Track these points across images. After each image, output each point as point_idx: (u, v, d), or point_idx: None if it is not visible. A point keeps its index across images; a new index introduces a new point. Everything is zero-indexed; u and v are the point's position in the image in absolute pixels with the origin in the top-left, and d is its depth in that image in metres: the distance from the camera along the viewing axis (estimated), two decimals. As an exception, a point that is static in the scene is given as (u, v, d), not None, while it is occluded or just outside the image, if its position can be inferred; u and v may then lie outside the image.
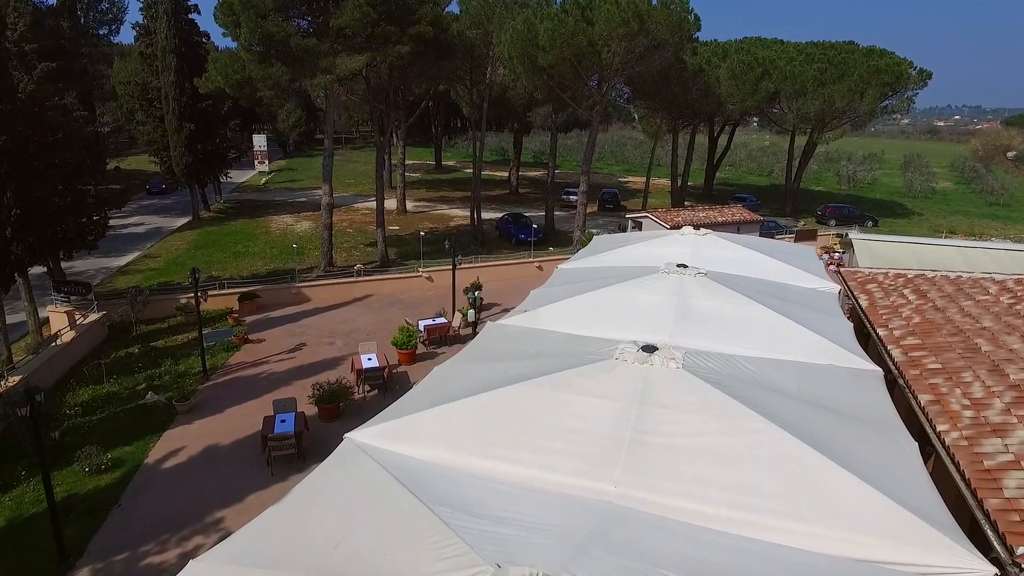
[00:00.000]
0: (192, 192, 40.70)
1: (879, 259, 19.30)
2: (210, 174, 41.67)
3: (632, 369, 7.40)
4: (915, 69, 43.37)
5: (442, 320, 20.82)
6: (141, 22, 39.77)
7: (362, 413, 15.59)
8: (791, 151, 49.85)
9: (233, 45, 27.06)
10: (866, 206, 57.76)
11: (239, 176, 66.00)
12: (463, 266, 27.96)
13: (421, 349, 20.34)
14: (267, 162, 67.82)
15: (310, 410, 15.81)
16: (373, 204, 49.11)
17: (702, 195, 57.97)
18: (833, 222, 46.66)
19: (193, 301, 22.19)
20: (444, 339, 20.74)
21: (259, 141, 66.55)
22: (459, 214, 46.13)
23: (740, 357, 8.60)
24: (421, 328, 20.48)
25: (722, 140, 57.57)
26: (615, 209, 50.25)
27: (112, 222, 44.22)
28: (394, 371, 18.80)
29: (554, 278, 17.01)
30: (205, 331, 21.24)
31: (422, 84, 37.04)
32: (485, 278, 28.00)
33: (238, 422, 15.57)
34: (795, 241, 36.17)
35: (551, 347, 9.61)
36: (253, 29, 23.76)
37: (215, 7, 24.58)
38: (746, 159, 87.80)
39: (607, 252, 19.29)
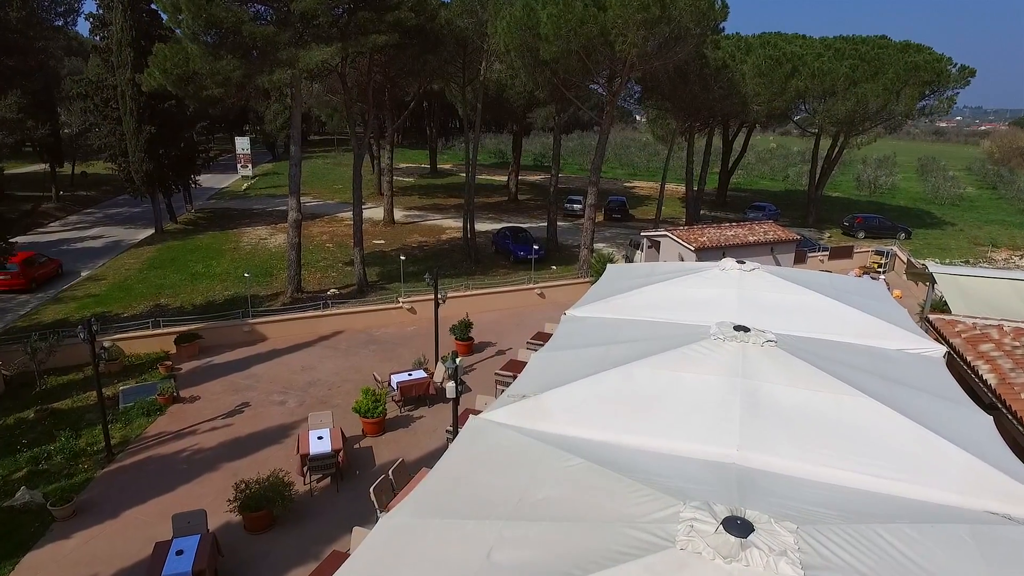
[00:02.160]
0: (154, 203, 36.56)
1: (976, 301, 15.19)
2: (175, 182, 37.56)
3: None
4: (955, 66, 39.28)
5: (420, 374, 16.68)
6: (96, 12, 35.74)
7: (306, 517, 11.51)
8: (815, 156, 45.71)
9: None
10: (892, 215, 53.60)
11: (220, 181, 62.06)
12: (452, 294, 23.85)
13: (393, 411, 16.23)
14: (251, 166, 63.88)
15: (231, 518, 11.69)
16: (365, 214, 45.03)
17: (715, 202, 53.89)
18: (862, 234, 42.58)
19: (115, 346, 18.14)
20: (424, 398, 16.61)
21: (242, 144, 62.48)
22: (452, 225, 42.01)
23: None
24: (394, 385, 16.35)
25: (735, 143, 53.51)
26: (623, 219, 46.17)
27: (66, 235, 40.63)
28: (357, 445, 14.68)
29: (561, 335, 13.25)
30: (125, 386, 17.15)
31: (411, 82, 32.93)
32: (478, 308, 23.91)
33: (133, 537, 11.46)
34: (829, 259, 32.06)
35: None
36: (196, 13, 19.66)
37: (153, -12, 20.47)
38: (756, 162, 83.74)
39: (628, 294, 15.55)
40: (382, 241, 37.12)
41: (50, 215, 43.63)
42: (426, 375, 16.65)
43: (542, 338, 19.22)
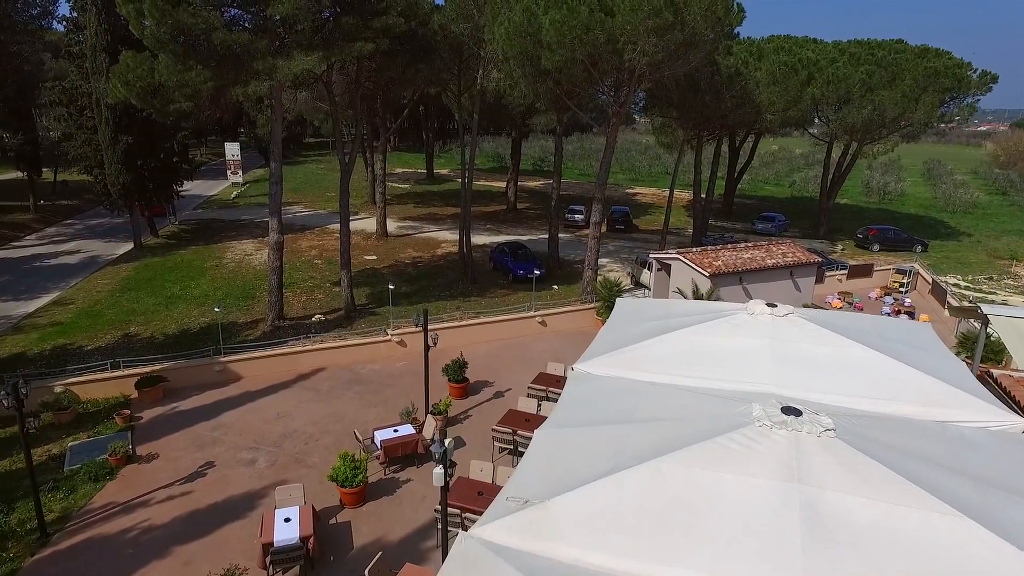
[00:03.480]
0: (133, 217, 34.56)
1: (1042, 352, 13.27)
2: (157, 195, 35.58)
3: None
4: (976, 71, 37.44)
5: (408, 431, 14.73)
6: (69, 15, 33.78)
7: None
8: (827, 165, 43.84)
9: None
10: (904, 223, 51.76)
11: (209, 187, 60.15)
12: (446, 325, 21.92)
13: (376, 472, 14.30)
14: (241, 172, 61.84)
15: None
16: (357, 224, 43.14)
17: (721, 211, 51.99)
18: (877, 247, 40.70)
19: (68, 392, 16.22)
20: (412, 456, 14.67)
21: (232, 150, 60.35)
22: (448, 238, 40.05)
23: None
24: (377, 443, 14.41)
25: (741, 149, 51.61)
26: (627, 230, 44.28)
27: (41, 250, 38.62)
28: (333, 520, 12.75)
29: (569, 400, 11.39)
30: (74, 442, 15.22)
31: (404, 88, 30.99)
32: (474, 339, 22.00)
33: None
34: (848, 278, 30.18)
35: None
36: (161, 19, 17.72)
37: (115, -10, 18.54)
38: (759, 166, 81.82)
39: (645, 344, 13.67)
40: (374, 257, 35.17)
41: (27, 227, 41.66)
42: (414, 431, 14.71)
43: (545, 382, 17.31)
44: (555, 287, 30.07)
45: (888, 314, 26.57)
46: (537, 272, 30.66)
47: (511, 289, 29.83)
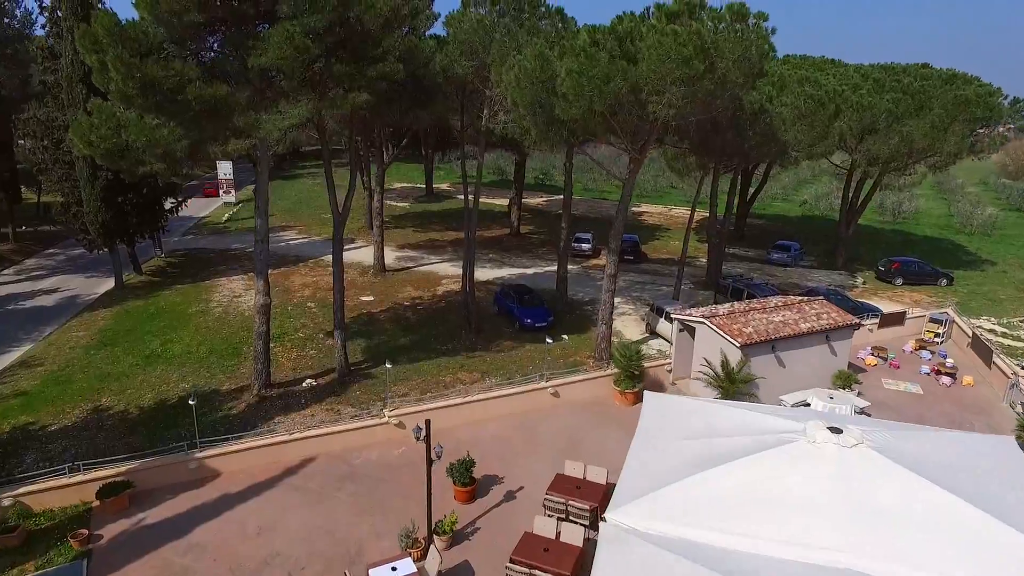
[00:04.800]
0: (114, 256, 32.38)
1: None
2: (140, 232, 33.44)
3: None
4: (1007, 99, 35.50)
5: (408, 568, 12.63)
6: (46, 43, 31.65)
7: None
8: (846, 191, 41.76)
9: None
10: (922, 249, 49.75)
11: (201, 208, 57.89)
12: (449, 402, 19.82)
13: (372, 619, 12.21)
14: (234, 192, 59.78)
15: None
16: (354, 255, 40.92)
17: (733, 235, 49.89)
18: (900, 280, 38.68)
19: (17, 505, 14.14)
20: (412, 596, 12.57)
21: (224, 168, 58.26)
22: (450, 273, 37.94)
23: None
24: (372, 585, 12.32)
25: (754, 172, 49.63)
26: (636, 260, 42.21)
27: (17, 289, 36.40)
28: None
29: (605, 568, 9.52)
30: (20, 580, 13.10)
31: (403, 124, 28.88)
32: (480, 416, 19.93)
33: None
34: (879, 327, 28.12)
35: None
36: (128, 73, 15.61)
37: (76, 37, 16.45)
38: (768, 184, 79.62)
39: (686, 482, 11.75)
40: (371, 298, 33.05)
41: (5, 259, 39.51)
42: (415, 569, 12.62)
43: (563, 490, 15.23)
44: (564, 337, 27.94)
45: (927, 373, 24.56)
46: (545, 323, 28.71)
47: (517, 339, 27.76)
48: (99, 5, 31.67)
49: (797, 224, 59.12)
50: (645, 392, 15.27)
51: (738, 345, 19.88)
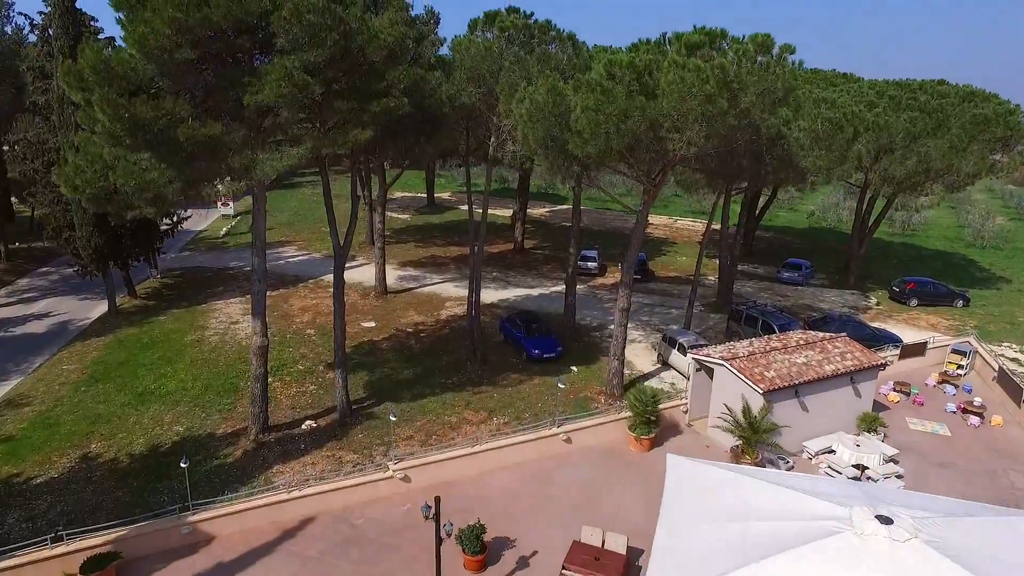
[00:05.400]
0: (108, 282, 31.33)
1: None
2: (135, 255, 32.45)
3: None
4: (1026, 116, 34.47)
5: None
6: (35, 64, 30.65)
7: None
8: (859, 210, 40.80)
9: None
10: (934, 265, 48.83)
11: (199, 220, 56.74)
12: (457, 452, 18.81)
13: None
14: (232, 203, 58.67)
15: None
16: (355, 274, 39.77)
17: (742, 251, 48.86)
18: (915, 301, 37.69)
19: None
20: None
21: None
22: (453, 294, 36.88)
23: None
24: None
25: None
26: (644, 279, 41.13)
27: (8, 313, 35.17)
28: None
29: None
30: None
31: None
32: (489, 466, 18.93)
33: None
34: (900, 359, 27.13)
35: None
36: (116, 114, 14.62)
37: (61, 71, 15.44)
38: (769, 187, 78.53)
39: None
40: (372, 324, 32.03)
41: (-4, 279, 38.51)
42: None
43: (579, 561, 14.24)
44: (574, 369, 26.93)
45: (953, 412, 23.58)
46: (553, 354, 27.72)
47: (525, 372, 26.76)
48: (91, 23, 30.76)
49: (805, 237, 58.18)
50: (668, 456, 14.29)
51: (761, 392, 18.89)
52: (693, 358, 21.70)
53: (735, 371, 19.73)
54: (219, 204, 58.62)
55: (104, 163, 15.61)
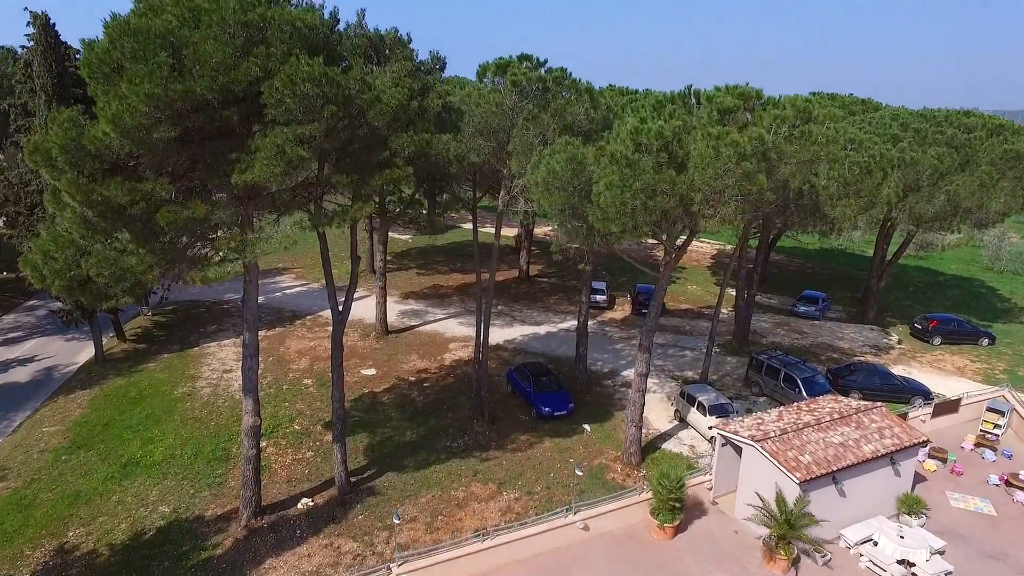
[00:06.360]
0: (94, 329, 29.70)
1: None
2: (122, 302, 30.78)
3: None
4: (1058, 151, 32.86)
5: None
6: (17, 101, 29.06)
7: None
8: (878, 243, 39.28)
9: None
10: (952, 293, 47.38)
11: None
12: (463, 550, 17.22)
13: None
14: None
15: None
16: (356, 308, 37.71)
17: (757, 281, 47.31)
18: (938, 340, 36.18)
19: None
20: None
21: (218, 201, 55.70)
22: (457, 334, 35.31)
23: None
24: None
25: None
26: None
27: (-10, 358, 33.72)
28: None
29: None
30: None
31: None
32: (499, 562, 17.35)
33: None
34: (932, 417, 25.59)
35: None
36: (86, 199, 13.09)
37: (26, 148, 13.84)
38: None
39: None
40: (373, 371, 30.46)
41: (-19, 317, 36.98)
42: None
43: None
44: (586, 428, 25.37)
45: (997, 485, 22.01)
46: (564, 411, 26.19)
47: (535, 431, 25.22)
48: (76, 57, 29.20)
49: (817, 259, 56.61)
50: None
51: (797, 482, 17.33)
52: (719, 433, 20.13)
53: (766, 455, 18.17)
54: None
55: (76, 248, 14.05)
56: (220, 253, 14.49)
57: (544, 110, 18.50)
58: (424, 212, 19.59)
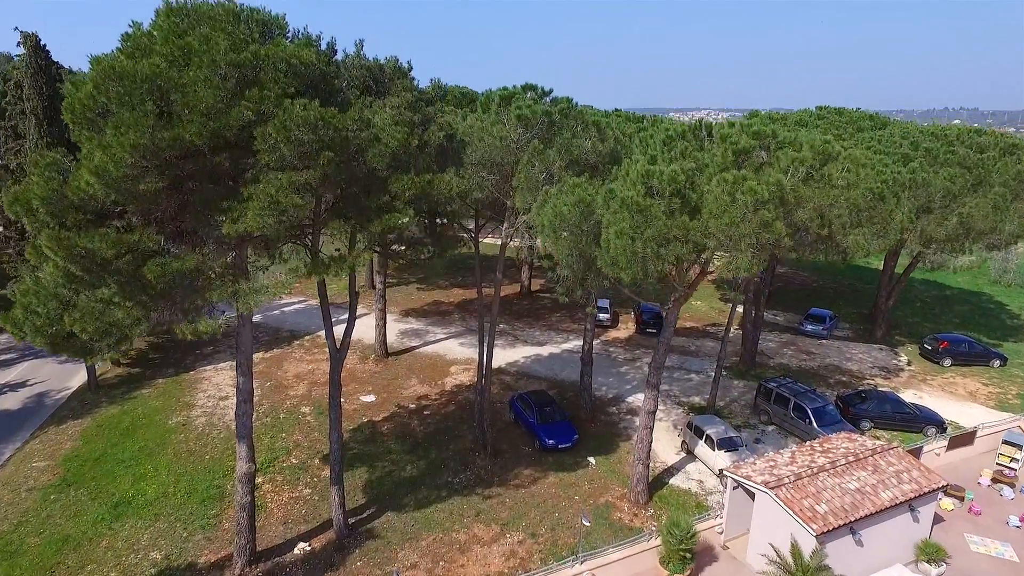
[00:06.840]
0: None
1: None
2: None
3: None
4: (1072, 170, 32.19)
5: None
6: (6, 122, 28.36)
7: None
8: (886, 263, 38.61)
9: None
10: (960, 309, 46.66)
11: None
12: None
13: None
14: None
15: None
16: (358, 329, 36.81)
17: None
18: (948, 361, 35.50)
19: None
20: None
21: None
22: (459, 357, 34.63)
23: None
24: None
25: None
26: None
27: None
28: None
29: None
30: None
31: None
32: (505, 620, 16.65)
33: None
34: (948, 450, 24.93)
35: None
36: (68, 254, 12.40)
37: (6, 199, 13.20)
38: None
39: None
40: (372, 397, 29.76)
41: (-29, 337, 36.24)
42: None
43: None
44: (591, 461, 24.76)
45: (1018, 527, 21.31)
46: (569, 443, 25.50)
47: (539, 465, 24.52)
48: (69, 76, 28.46)
49: (821, 271, 55.86)
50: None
51: (813, 533, 16.65)
52: (728, 474, 19.44)
53: (782, 504, 17.49)
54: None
55: (58, 303, 13.34)
56: (212, 300, 13.77)
57: (550, 145, 17.79)
58: (425, 253, 18.77)
